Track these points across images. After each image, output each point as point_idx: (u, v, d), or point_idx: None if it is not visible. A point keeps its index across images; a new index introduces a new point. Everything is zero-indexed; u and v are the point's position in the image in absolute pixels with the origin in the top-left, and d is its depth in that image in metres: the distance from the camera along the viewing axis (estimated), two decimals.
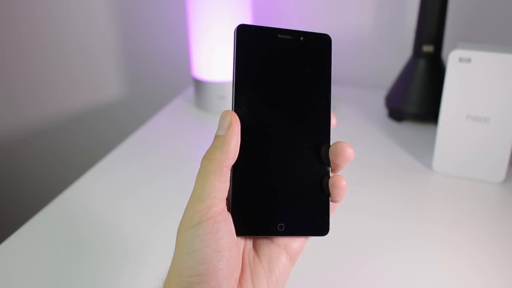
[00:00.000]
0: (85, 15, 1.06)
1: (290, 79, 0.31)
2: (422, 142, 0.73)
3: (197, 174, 0.29)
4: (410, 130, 0.77)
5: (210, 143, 0.30)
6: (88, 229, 0.54)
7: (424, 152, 0.69)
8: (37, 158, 1.25)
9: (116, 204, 0.58)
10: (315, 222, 0.31)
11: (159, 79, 1.09)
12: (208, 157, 0.29)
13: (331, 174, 0.32)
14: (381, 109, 0.84)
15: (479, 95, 0.58)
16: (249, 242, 0.31)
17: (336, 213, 0.33)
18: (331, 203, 0.32)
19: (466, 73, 0.58)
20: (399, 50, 0.90)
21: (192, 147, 0.73)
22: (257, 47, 0.30)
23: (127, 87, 1.12)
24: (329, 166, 0.32)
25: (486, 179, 0.61)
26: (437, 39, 0.75)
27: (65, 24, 1.09)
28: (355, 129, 0.78)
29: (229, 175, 0.29)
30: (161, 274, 0.30)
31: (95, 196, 0.60)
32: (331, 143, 0.32)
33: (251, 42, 0.30)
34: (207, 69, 0.82)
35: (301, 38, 0.31)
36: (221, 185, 0.28)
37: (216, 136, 0.29)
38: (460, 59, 0.58)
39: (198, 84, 0.84)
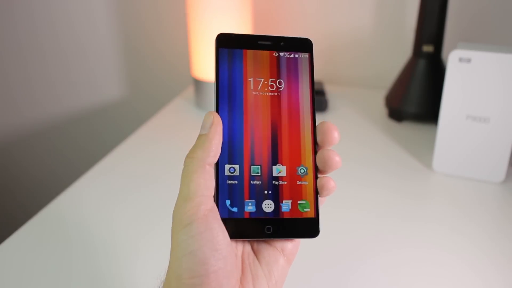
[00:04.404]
0: (84, 15, 1.06)
1: (272, 82, 0.32)
2: (422, 142, 0.73)
3: (181, 174, 0.28)
4: (410, 130, 0.77)
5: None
6: (87, 229, 0.53)
7: (424, 152, 0.69)
8: (36, 159, 1.25)
9: (116, 204, 0.58)
10: (304, 224, 0.31)
11: (159, 79, 1.09)
12: (190, 156, 0.29)
13: (318, 175, 0.31)
14: (381, 109, 0.84)
15: (479, 95, 0.58)
16: (247, 245, 0.31)
17: (336, 213, 0.33)
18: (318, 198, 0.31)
19: (466, 73, 0.58)
20: (399, 50, 0.90)
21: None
22: (237, 53, 0.32)
23: (126, 87, 1.12)
24: (316, 170, 0.31)
25: (486, 179, 0.61)
26: (437, 39, 0.75)
27: (64, 25, 1.08)
28: (355, 129, 0.78)
29: (212, 173, 0.29)
30: (159, 274, 0.30)
31: (94, 196, 0.60)
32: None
33: (231, 49, 0.32)
34: (206, 69, 0.82)
35: (282, 43, 0.33)
36: (206, 183, 0.28)
37: (199, 136, 0.30)
38: (460, 59, 0.58)
39: (198, 84, 0.84)
